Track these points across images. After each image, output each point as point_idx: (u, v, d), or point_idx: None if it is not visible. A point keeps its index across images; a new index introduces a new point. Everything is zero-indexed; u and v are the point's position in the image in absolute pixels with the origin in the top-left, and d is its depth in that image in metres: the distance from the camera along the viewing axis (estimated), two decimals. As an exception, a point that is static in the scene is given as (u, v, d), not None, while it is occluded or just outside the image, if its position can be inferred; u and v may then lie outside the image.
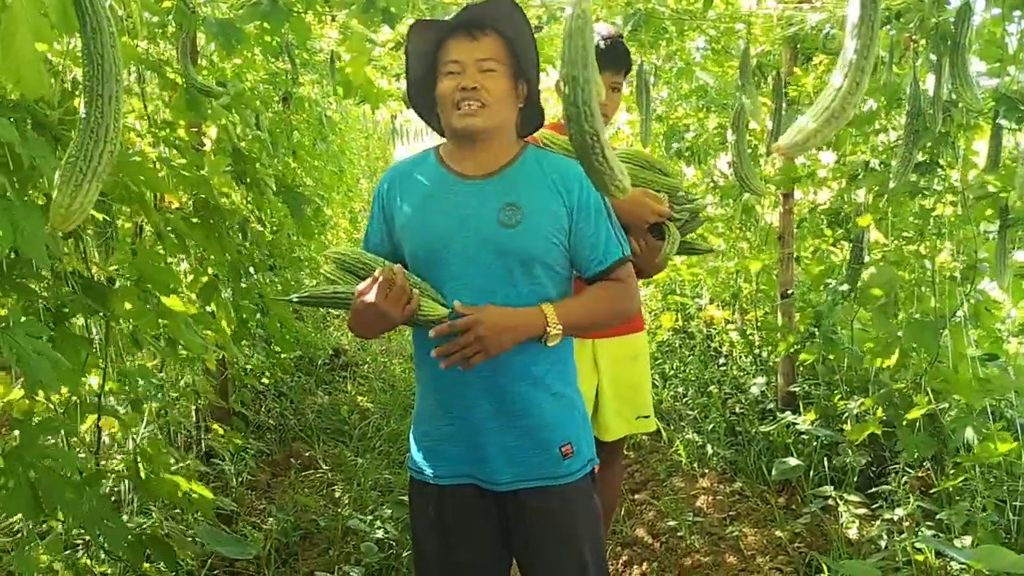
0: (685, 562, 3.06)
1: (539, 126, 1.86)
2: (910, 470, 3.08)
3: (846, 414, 3.36)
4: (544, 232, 1.69)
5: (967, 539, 2.60)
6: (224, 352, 3.04)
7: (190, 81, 2.66)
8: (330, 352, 6.19)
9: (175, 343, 2.41)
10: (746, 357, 4.95)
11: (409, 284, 1.64)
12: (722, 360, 5.16)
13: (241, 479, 3.63)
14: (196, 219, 2.66)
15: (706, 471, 3.90)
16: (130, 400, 2.58)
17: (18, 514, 2.03)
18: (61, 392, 2.07)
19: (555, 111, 6.31)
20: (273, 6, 2.53)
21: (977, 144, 2.96)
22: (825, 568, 2.71)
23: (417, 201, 1.75)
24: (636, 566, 3.09)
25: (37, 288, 1.95)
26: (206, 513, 2.45)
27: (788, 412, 3.88)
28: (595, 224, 1.73)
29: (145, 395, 2.67)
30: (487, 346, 1.61)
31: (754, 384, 4.49)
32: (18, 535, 2.34)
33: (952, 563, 2.56)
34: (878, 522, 2.97)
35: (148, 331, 2.30)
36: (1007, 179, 2.64)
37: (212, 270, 2.99)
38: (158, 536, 2.34)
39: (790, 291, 4.16)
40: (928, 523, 2.84)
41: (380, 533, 3.19)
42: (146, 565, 2.37)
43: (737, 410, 4.37)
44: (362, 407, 5.06)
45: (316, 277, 5.34)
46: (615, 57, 2.37)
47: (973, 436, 2.71)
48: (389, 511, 3.39)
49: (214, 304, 2.86)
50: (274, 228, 4.26)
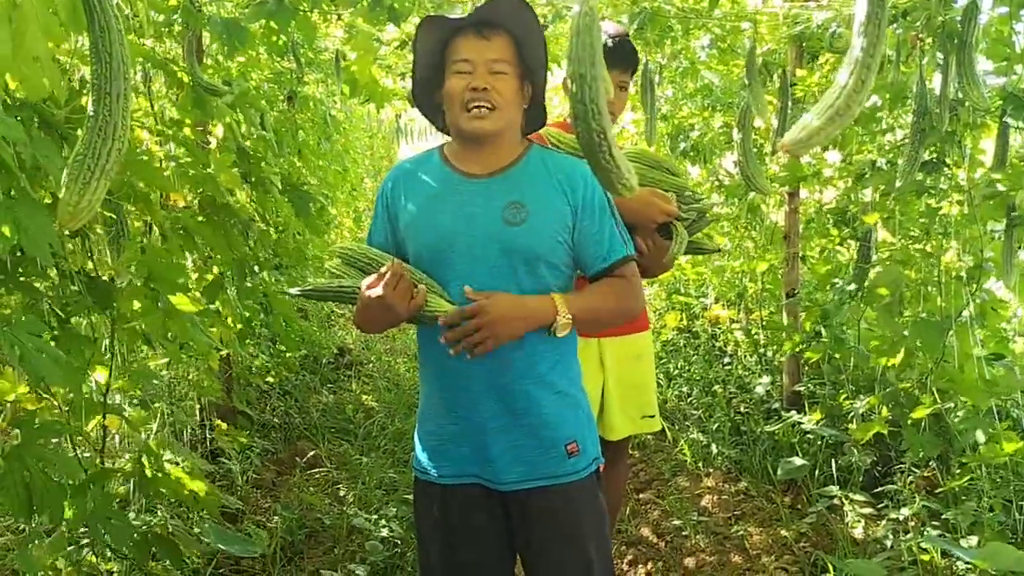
0: (690, 561, 3.06)
1: (542, 125, 1.86)
2: (916, 470, 3.07)
3: (851, 414, 3.34)
4: (549, 230, 1.69)
5: (973, 539, 2.59)
6: (228, 350, 3.04)
7: (196, 79, 2.66)
8: (335, 351, 6.19)
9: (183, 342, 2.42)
10: (751, 357, 4.94)
11: (415, 279, 1.64)
12: (727, 360, 5.15)
13: (246, 477, 3.63)
14: (202, 217, 2.67)
15: (711, 470, 3.90)
16: (138, 399, 2.59)
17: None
18: (63, 390, 2.07)
19: (560, 110, 6.31)
20: (279, 5, 2.53)
21: (984, 143, 2.95)
22: (830, 568, 2.70)
23: (422, 200, 1.75)
24: (641, 565, 3.09)
25: (42, 287, 1.95)
26: (212, 511, 2.46)
27: (793, 412, 3.87)
28: (599, 222, 1.73)
29: (155, 397, 2.67)
30: (497, 332, 1.60)
31: (759, 384, 4.47)
32: (22, 533, 2.35)
33: (958, 563, 2.55)
34: (884, 522, 2.96)
35: (156, 330, 2.30)
36: (1014, 178, 2.63)
37: (218, 268, 2.99)
38: (164, 534, 2.34)
39: (796, 290, 4.15)
40: (934, 523, 2.83)
41: (385, 532, 3.20)
42: (152, 563, 2.37)
43: (742, 409, 4.36)
44: (367, 406, 5.06)
45: (321, 275, 5.34)
46: (622, 55, 2.35)
47: (981, 436, 2.70)
48: (394, 510, 3.39)
49: (219, 302, 2.87)
50: (280, 227, 4.26)
